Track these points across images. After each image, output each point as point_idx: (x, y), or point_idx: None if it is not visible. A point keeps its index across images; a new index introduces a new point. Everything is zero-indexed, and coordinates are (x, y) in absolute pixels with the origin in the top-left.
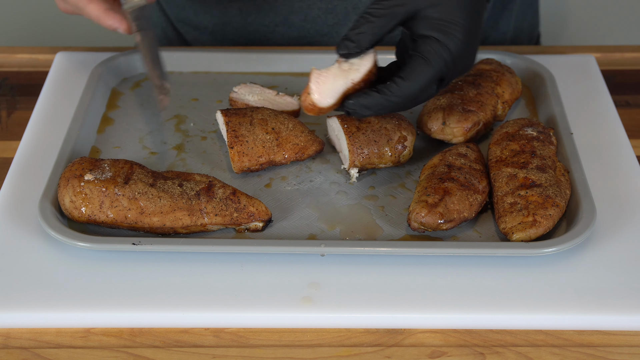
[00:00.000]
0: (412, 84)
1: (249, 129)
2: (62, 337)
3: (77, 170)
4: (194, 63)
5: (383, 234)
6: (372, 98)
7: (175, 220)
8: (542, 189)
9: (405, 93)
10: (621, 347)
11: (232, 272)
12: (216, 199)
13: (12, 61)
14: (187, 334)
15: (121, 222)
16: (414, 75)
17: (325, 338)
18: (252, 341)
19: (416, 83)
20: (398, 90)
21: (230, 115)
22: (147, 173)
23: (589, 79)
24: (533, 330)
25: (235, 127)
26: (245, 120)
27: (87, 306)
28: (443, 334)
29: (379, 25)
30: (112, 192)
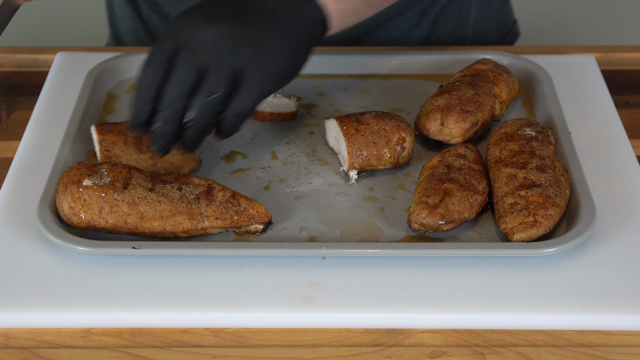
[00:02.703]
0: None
1: (123, 149)
2: (62, 337)
3: (75, 176)
4: None
5: (383, 235)
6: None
7: (175, 224)
8: (542, 189)
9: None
10: (621, 347)
11: (232, 273)
12: (216, 202)
13: (12, 61)
14: (187, 334)
15: (121, 228)
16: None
17: (325, 338)
18: (252, 341)
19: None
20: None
21: (105, 133)
22: (146, 177)
23: (589, 79)
24: (533, 330)
25: (109, 146)
26: (119, 138)
27: (87, 306)
28: (443, 334)
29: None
30: (111, 197)
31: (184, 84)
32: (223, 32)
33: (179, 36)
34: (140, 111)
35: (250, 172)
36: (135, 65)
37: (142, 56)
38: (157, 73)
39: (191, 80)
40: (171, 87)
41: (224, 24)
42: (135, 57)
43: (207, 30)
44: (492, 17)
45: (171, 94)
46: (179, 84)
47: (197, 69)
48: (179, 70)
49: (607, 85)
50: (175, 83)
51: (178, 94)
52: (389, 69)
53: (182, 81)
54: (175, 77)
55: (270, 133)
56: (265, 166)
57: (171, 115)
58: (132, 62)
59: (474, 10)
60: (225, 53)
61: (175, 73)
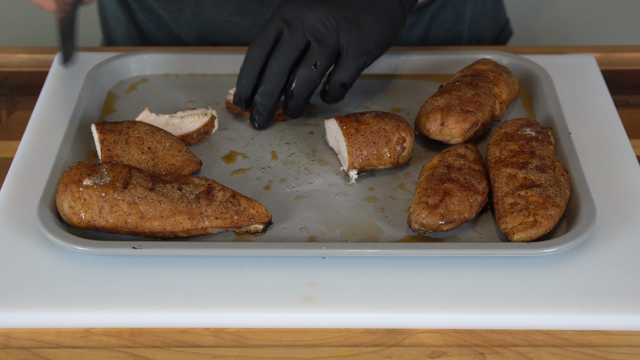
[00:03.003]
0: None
1: (124, 149)
2: (62, 337)
3: (75, 176)
4: (190, 65)
5: (383, 235)
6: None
7: (175, 224)
8: (542, 189)
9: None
10: (621, 347)
11: (232, 273)
12: (216, 202)
13: (12, 61)
14: (187, 334)
15: (121, 227)
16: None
17: (325, 338)
18: (252, 341)
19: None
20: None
21: (106, 133)
22: (146, 177)
23: (589, 79)
24: (533, 330)
25: (110, 146)
26: (120, 138)
27: (87, 306)
28: (443, 334)
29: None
30: (111, 197)
31: (286, 60)
32: (324, 12)
33: (283, 18)
34: (244, 87)
35: (250, 172)
36: (135, 65)
37: (142, 56)
38: (261, 52)
39: (293, 57)
40: (274, 63)
41: (325, 5)
42: (135, 57)
43: (309, 11)
44: (486, 16)
45: (274, 69)
46: (281, 60)
47: (298, 47)
48: (282, 49)
49: (607, 85)
50: (277, 59)
51: (280, 69)
52: (389, 68)
53: (285, 58)
54: (278, 54)
55: (270, 133)
56: (265, 166)
57: (271, 89)
58: (132, 62)
59: (470, 8)
60: (326, 30)
61: (278, 51)
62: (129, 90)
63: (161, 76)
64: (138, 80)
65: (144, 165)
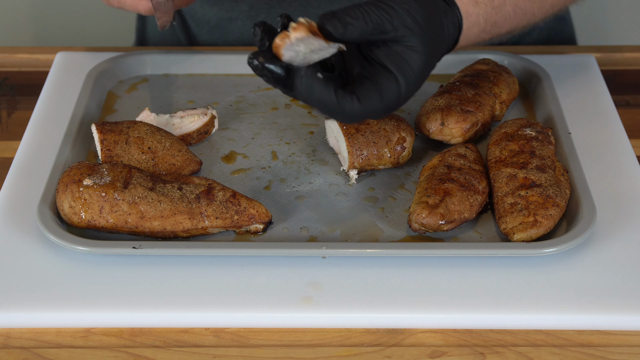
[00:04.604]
0: (361, 109)
1: (125, 149)
2: (62, 337)
3: (75, 176)
4: (190, 65)
5: (384, 235)
6: (329, 93)
7: (176, 224)
8: (542, 189)
9: (350, 113)
10: (621, 347)
11: (232, 273)
12: (216, 202)
13: (12, 61)
14: (187, 334)
15: (121, 227)
16: (366, 102)
17: (325, 338)
18: (252, 341)
19: (363, 110)
20: (348, 107)
21: (106, 133)
22: (146, 177)
23: (589, 79)
24: (533, 330)
25: (110, 146)
26: (121, 138)
27: (87, 306)
28: (443, 334)
29: (366, 29)
30: (111, 197)
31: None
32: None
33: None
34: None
35: (251, 172)
36: (135, 65)
37: (142, 56)
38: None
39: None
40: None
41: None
42: (135, 57)
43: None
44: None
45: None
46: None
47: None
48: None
49: (607, 85)
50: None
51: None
52: None
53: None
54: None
55: (270, 133)
56: (266, 166)
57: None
58: (132, 62)
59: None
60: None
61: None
62: (129, 90)
63: (161, 76)
64: (138, 80)
65: (144, 165)
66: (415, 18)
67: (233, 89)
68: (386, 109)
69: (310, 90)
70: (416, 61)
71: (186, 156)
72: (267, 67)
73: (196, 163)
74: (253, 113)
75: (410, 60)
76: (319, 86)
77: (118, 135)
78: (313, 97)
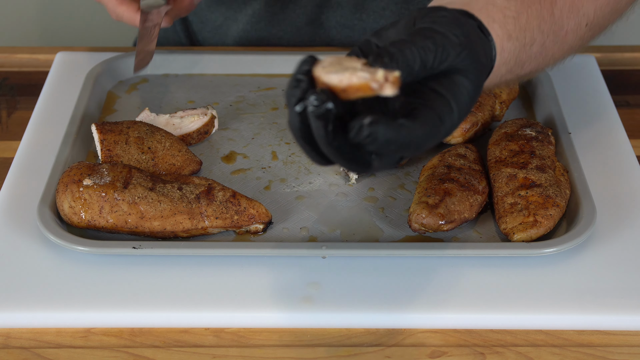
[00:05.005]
0: (424, 135)
1: (124, 149)
2: (62, 337)
3: (75, 176)
4: (190, 65)
5: (384, 235)
6: (396, 129)
7: (176, 224)
8: (542, 189)
9: (408, 139)
10: (621, 347)
11: (232, 273)
12: (216, 202)
13: (12, 61)
14: (187, 334)
15: (121, 227)
16: (427, 127)
17: (325, 338)
18: (252, 341)
19: (426, 136)
20: (407, 132)
21: (106, 133)
22: (146, 177)
23: (589, 79)
24: (533, 330)
25: (110, 146)
26: (121, 138)
27: (87, 306)
28: (443, 334)
29: (425, 68)
30: (111, 197)
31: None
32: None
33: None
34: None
35: (251, 172)
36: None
37: None
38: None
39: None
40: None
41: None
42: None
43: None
44: None
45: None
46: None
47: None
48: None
49: (607, 85)
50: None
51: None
52: None
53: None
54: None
55: (270, 133)
56: (266, 166)
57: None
58: (132, 62)
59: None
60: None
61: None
62: (129, 90)
63: (161, 76)
64: (138, 80)
65: (144, 165)
66: (466, 43)
67: (233, 89)
68: (444, 134)
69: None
70: (467, 87)
71: (186, 156)
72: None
73: (196, 163)
74: (253, 113)
75: (461, 86)
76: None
77: (118, 135)
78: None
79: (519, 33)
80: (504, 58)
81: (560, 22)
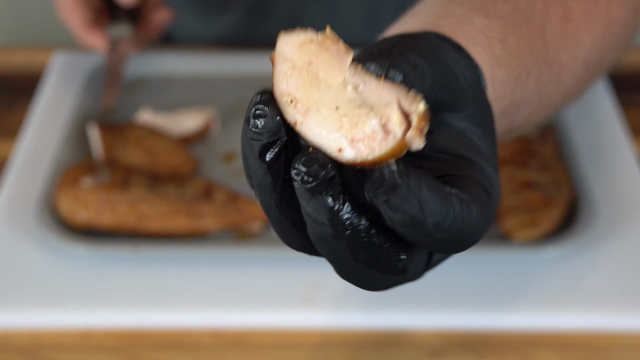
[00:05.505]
0: (476, 217)
1: (124, 149)
2: (61, 338)
3: (74, 176)
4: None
5: None
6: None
7: (175, 224)
8: (543, 189)
9: (464, 221)
10: (621, 347)
11: (232, 273)
12: (216, 202)
13: (10, 61)
14: (186, 335)
15: (120, 228)
16: (480, 206)
17: (325, 338)
18: (252, 342)
19: (482, 222)
20: (460, 206)
21: (105, 133)
22: (145, 177)
23: None
24: (533, 330)
25: (110, 146)
26: (120, 138)
27: (86, 307)
28: (443, 334)
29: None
30: (110, 197)
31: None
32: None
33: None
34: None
35: None
36: (135, 65)
37: (142, 56)
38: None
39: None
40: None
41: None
42: (135, 57)
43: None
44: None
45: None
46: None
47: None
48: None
49: (607, 85)
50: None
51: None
52: None
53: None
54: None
55: None
56: None
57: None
58: (131, 62)
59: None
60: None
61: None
62: (128, 90)
63: (161, 76)
64: (138, 80)
65: (143, 165)
66: (463, 75)
67: (233, 89)
68: (496, 207)
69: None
70: (487, 137)
71: (185, 156)
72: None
73: (195, 163)
74: None
75: (481, 139)
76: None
77: (117, 135)
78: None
79: (510, 60)
80: (497, 92)
81: (554, 53)
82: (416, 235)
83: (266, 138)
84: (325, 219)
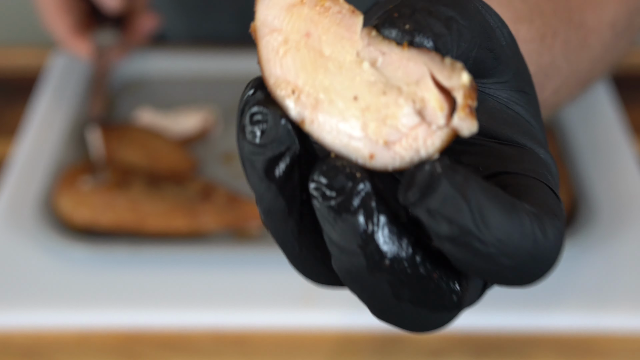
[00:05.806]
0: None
1: (124, 149)
2: (61, 338)
3: (74, 176)
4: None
5: None
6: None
7: (175, 223)
8: None
9: (536, 240)
10: (621, 347)
11: (232, 273)
12: (216, 202)
13: (10, 60)
14: (186, 335)
15: (120, 228)
16: (549, 214)
17: (325, 338)
18: (252, 342)
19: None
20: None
21: (105, 132)
22: (146, 177)
23: None
24: (533, 330)
25: (110, 146)
26: (120, 138)
27: (86, 307)
28: (443, 334)
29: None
30: (110, 197)
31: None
32: None
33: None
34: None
35: None
36: (135, 65)
37: (142, 56)
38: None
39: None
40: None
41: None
42: (135, 57)
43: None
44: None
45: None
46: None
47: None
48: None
49: (607, 85)
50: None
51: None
52: None
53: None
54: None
55: None
56: None
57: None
58: (132, 62)
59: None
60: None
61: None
62: (129, 90)
63: (161, 76)
64: (138, 80)
65: (143, 165)
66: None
67: (233, 89)
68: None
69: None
70: (532, 106)
71: (185, 156)
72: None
73: (195, 163)
74: None
75: (526, 110)
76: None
77: (117, 135)
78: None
79: (533, 16)
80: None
81: (579, 13)
82: (470, 256)
83: (271, 150)
84: (355, 247)
